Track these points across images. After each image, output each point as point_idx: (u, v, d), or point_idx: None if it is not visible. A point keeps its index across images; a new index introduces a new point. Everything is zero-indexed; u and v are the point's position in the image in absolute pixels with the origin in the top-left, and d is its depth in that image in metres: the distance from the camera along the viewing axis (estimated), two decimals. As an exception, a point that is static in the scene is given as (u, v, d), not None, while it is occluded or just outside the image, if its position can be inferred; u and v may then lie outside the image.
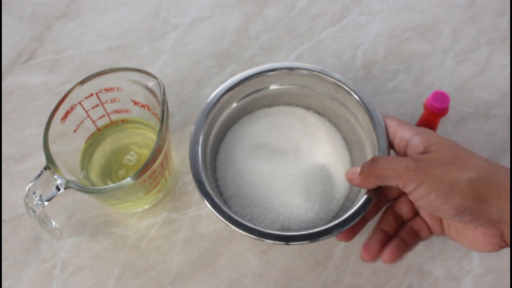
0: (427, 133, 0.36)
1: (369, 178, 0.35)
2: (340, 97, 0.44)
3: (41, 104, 0.51)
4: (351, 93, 0.42)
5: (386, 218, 0.38)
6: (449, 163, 0.32)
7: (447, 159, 0.32)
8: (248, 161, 0.44)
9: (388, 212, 0.39)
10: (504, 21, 0.56)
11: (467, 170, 0.31)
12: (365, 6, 0.56)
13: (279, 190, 0.43)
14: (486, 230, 0.33)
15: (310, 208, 0.43)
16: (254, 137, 0.46)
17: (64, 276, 0.44)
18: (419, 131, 0.36)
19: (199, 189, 0.38)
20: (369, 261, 0.37)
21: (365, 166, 0.36)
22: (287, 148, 0.45)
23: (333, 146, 0.46)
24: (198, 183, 0.38)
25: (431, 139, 0.35)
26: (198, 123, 0.41)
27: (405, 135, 0.37)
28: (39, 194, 0.37)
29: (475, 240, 0.34)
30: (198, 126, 0.40)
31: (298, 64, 0.43)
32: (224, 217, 0.37)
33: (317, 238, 0.37)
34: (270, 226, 0.42)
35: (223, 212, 0.37)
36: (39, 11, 0.56)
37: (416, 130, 0.36)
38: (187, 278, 0.44)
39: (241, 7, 0.56)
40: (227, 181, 0.44)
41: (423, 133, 0.36)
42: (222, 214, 0.37)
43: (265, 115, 0.47)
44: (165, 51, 0.54)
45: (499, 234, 0.32)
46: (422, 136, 0.35)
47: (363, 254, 0.37)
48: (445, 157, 0.32)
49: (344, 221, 0.37)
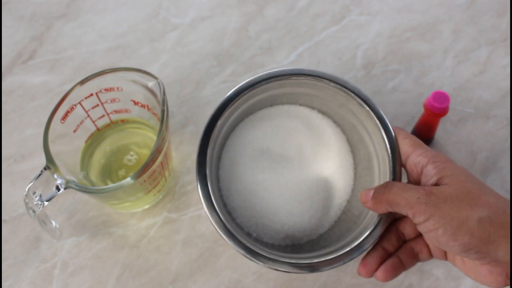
0: (442, 162, 0.35)
1: (381, 203, 0.35)
2: (350, 106, 0.42)
3: (41, 104, 0.51)
4: (364, 105, 0.41)
5: (388, 236, 0.38)
6: (460, 199, 0.32)
7: (458, 194, 0.32)
8: (252, 171, 0.43)
9: (391, 230, 0.38)
10: (504, 21, 0.56)
11: (477, 209, 0.31)
12: (365, 6, 0.56)
13: (284, 200, 0.42)
14: (492, 269, 0.33)
15: (313, 215, 0.42)
16: (257, 143, 0.44)
17: (64, 276, 0.44)
18: (435, 159, 0.35)
19: (214, 223, 0.37)
20: (365, 276, 0.37)
21: (377, 191, 0.35)
22: (291, 153, 0.44)
23: (338, 150, 0.45)
24: (209, 210, 0.37)
25: (445, 170, 0.34)
26: (201, 148, 0.39)
27: (420, 161, 0.36)
28: (39, 194, 0.37)
29: (481, 275, 0.34)
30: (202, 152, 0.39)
31: (307, 71, 0.41)
32: (239, 246, 0.36)
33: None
34: (275, 236, 0.42)
35: (237, 241, 0.37)
36: (39, 11, 0.56)
37: (432, 156, 0.35)
38: (187, 278, 0.44)
39: (241, 7, 0.56)
40: (231, 192, 0.43)
41: (438, 162, 0.35)
42: (236, 243, 0.36)
43: (268, 117, 0.46)
44: (165, 51, 0.54)
45: (505, 274, 0.32)
46: (437, 166, 0.35)
47: (360, 269, 0.37)
48: (456, 192, 0.32)
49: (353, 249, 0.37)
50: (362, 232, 0.38)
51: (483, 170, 0.49)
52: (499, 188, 0.48)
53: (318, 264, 0.36)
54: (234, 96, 0.40)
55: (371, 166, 0.42)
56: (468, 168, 0.49)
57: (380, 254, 0.37)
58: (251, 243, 0.37)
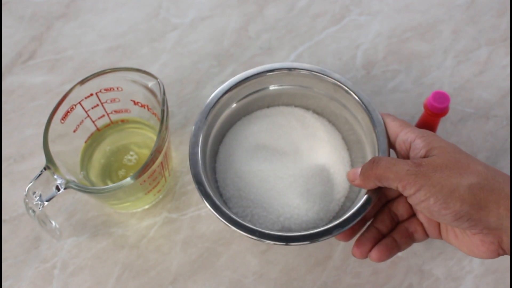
0: (429, 136, 0.35)
1: (369, 179, 0.35)
2: (339, 97, 0.44)
3: (41, 104, 0.51)
4: (351, 93, 0.42)
5: (381, 217, 0.38)
6: (449, 168, 0.32)
7: (447, 164, 0.32)
8: (247, 162, 0.44)
9: (384, 211, 0.39)
10: (504, 21, 0.56)
11: (467, 176, 0.31)
12: (365, 6, 0.56)
13: (279, 191, 0.43)
14: (484, 237, 0.33)
15: (311, 208, 0.43)
16: (253, 138, 0.46)
17: (64, 276, 0.44)
18: (422, 134, 0.36)
19: (199, 190, 0.38)
20: (359, 257, 0.37)
21: (365, 167, 0.36)
22: (287, 149, 0.45)
23: (333, 146, 0.46)
24: (198, 185, 0.38)
25: (433, 143, 0.34)
26: (197, 124, 0.41)
27: (408, 138, 0.36)
28: (39, 194, 0.37)
29: (473, 246, 0.34)
30: (197, 128, 0.40)
31: (297, 65, 0.43)
32: (224, 218, 0.37)
33: (317, 238, 0.37)
34: (271, 227, 0.42)
35: (224, 213, 0.37)
36: (39, 11, 0.56)
37: (419, 132, 0.36)
38: (187, 279, 0.44)
39: (241, 7, 0.56)
40: (227, 182, 0.44)
41: (426, 136, 0.35)
42: (223, 215, 0.37)
43: (265, 116, 0.47)
44: (165, 51, 0.54)
45: (497, 242, 0.32)
46: (425, 139, 0.35)
47: (354, 250, 0.37)
48: (445, 162, 0.32)
49: (345, 221, 0.37)
50: (351, 208, 0.38)
51: (483, 170, 0.49)
52: (499, 188, 0.48)
53: (313, 235, 0.37)
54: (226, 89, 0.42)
55: (366, 159, 0.43)
56: (468, 168, 0.49)
57: (374, 235, 0.37)
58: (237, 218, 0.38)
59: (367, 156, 0.43)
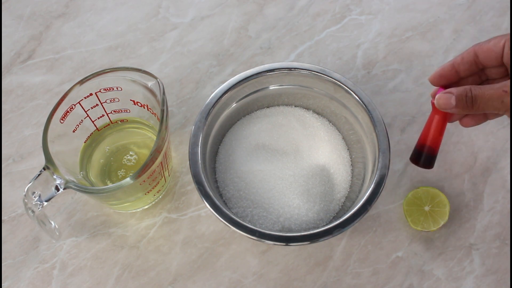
0: None
1: (465, 111, 0.35)
2: (339, 97, 0.44)
3: (40, 104, 0.51)
4: (351, 93, 0.42)
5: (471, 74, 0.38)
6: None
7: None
8: (247, 162, 0.44)
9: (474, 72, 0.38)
10: (505, 21, 0.55)
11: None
12: (366, 6, 0.56)
13: (279, 191, 0.43)
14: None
15: (311, 208, 0.43)
16: (253, 138, 0.46)
17: (63, 277, 0.44)
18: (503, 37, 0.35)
19: (199, 190, 0.38)
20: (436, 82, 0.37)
21: (462, 104, 0.35)
22: (287, 149, 0.45)
23: (333, 146, 0.46)
24: (198, 185, 0.38)
25: None
26: (197, 124, 0.40)
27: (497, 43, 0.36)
28: (38, 194, 0.37)
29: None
30: (197, 128, 0.40)
31: (297, 64, 0.43)
32: (224, 219, 0.37)
33: (317, 239, 0.37)
34: (271, 227, 0.42)
35: (223, 213, 0.37)
36: (38, 10, 0.56)
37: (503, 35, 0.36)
38: (187, 279, 0.44)
39: (241, 7, 0.56)
40: (227, 183, 0.44)
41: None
42: (223, 215, 0.37)
43: (264, 116, 0.47)
44: (164, 50, 0.54)
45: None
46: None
47: (433, 77, 0.37)
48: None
49: (345, 221, 0.37)
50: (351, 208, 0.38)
51: (484, 170, 0.49)
52: (500, 188, 0.48)
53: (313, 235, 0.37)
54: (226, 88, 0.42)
55: (366, 158, 0.43)
56: (469, 168, 0.49)
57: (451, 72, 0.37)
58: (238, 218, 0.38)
59: (367, 156, 0.43)
